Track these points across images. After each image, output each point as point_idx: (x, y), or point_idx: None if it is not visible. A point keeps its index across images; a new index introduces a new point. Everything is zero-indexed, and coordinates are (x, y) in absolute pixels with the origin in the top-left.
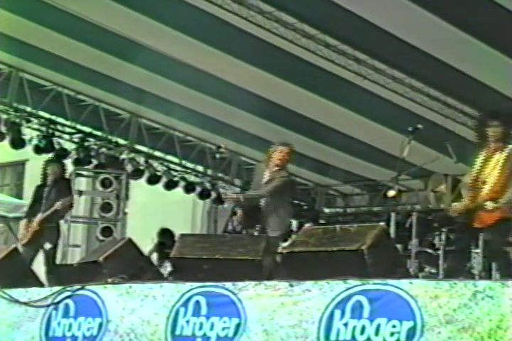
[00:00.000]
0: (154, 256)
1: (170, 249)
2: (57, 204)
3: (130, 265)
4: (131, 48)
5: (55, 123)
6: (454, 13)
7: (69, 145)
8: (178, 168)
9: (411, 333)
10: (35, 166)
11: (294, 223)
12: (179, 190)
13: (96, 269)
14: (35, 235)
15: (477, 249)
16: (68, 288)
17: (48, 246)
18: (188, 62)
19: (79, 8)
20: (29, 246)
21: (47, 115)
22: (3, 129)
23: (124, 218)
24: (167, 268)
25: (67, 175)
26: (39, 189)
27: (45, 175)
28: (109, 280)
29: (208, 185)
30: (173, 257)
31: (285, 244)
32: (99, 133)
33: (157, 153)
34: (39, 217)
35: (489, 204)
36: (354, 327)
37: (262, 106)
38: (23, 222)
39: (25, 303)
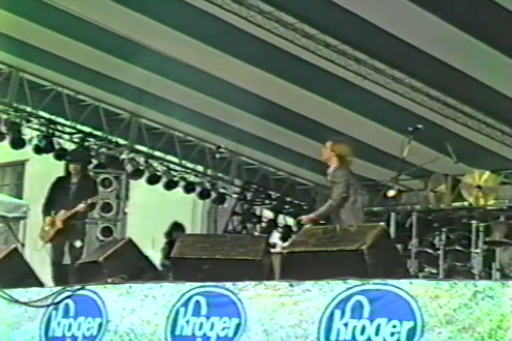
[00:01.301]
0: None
1: None
2: (80, 207)
3: (130, 265)
4: (131, 48)
5: (55, 123)
6: (454, 13)
7: (69, 145)
8: (178, 168)
9: (411, 333)
10: (35, 166)
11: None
12: (179, 190)
13: (96, 269)
14: (59, 232)
15: (477, 248)
16: (68, 288)
17: (78, 244)
18: (188, 62)
19: (79, 8)
20: (55, 244)
21: (47, 115)
22: (3, 129)
23: (124, 218)
24: None
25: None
26: (59, 182)
27: (68, 172)
28: (109, 280)
29: (207, 185)
30: (173, 257)
31: (285, 244)
32: (99, 133)
33: (157, 153)
34: (63, 215)
35: None
36: (354, 327)
37: (261, 106)
38: (46, 218)
39: (25, 303)
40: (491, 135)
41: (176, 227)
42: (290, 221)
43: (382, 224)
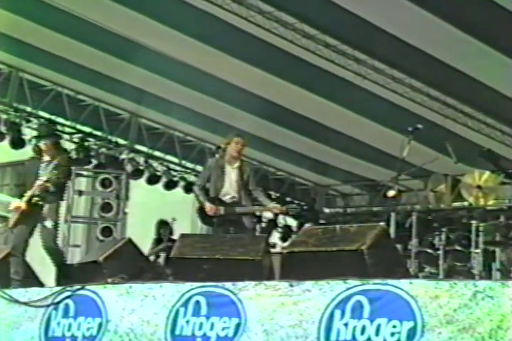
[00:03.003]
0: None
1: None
2: (37, 184)
3: (130, 265)
4: (131, 48)
5: (55, 123)
6: (454, 13)
7: (69, 145)
8: (178, 168)
9: (411, 333)
10: None
11: (294, 223)
12: (179, 190)
13: (96, 269)
14: (24, 215)
15: (477, 248)
16: (68, 288)
17: (49, 224)
18: (188, 62)
19: (79, 8)
20: (20, 227)
21: (47, 115)
22: (3, 129)
23: (124, 218)
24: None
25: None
26: (30, 163)
27: (39, 151)
28: (109, 280)
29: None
30: (173, 257)
31: (285, 244)
32: (99, 133)
33: (157, 153)
34: (26, 196)
35: None
36: (354, 327)
37: (261, 106)
38: (14, 202)
39: (25, 303)
40: (491, 135)
41: (163, 225)
42: (290, 221)
43: (382, 224)
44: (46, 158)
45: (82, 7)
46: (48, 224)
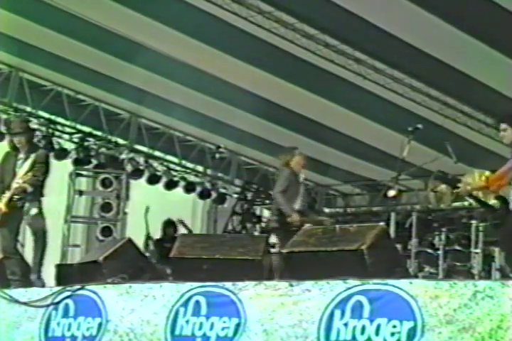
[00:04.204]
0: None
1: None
2: (14, 187)
3: (130, 265)
4: (131, 48)
5: (55, 123)
6: (454, 13)
7: (69, 145)
8: (178, 168)
9: (411, 333)
10: None
11: None
12: (179, 190)
13: (96, 269)
14: (4, 216)
15: (477, 248)
16: (68, 288)
17: (34, 211)
18: (188, 62)
19: (79, 9)
20: (4, 229)
21: (47, 115)
22: (3, 129)
23: (124, 218)
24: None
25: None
26: (6, 159)
27: (15, 148)
28: (109, 280)
29: (208, 185)
30: (173, 257)
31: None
32: (99, 133)
33: (157, 153)
34: (5, 197)
35: None
36: (354, 327)
37: (262, 106)
38: None
39: (25, 303)
40: (491, 135)
41: (169, 225)
42: None
43: (382, 224)
44: (22, 154)
45: (82, 7)
46: (33, 211)
